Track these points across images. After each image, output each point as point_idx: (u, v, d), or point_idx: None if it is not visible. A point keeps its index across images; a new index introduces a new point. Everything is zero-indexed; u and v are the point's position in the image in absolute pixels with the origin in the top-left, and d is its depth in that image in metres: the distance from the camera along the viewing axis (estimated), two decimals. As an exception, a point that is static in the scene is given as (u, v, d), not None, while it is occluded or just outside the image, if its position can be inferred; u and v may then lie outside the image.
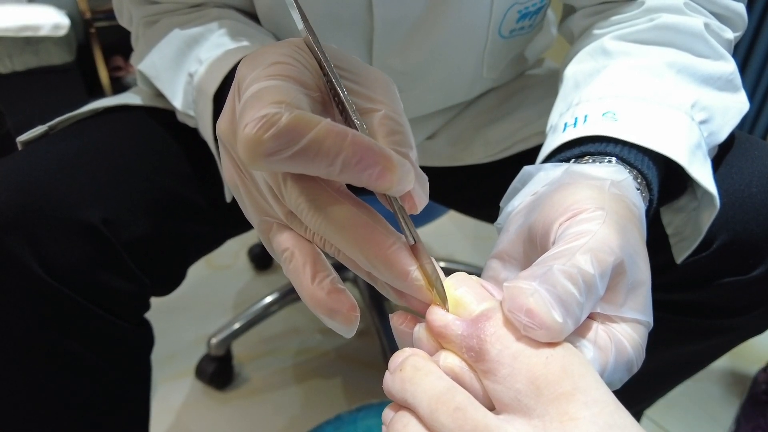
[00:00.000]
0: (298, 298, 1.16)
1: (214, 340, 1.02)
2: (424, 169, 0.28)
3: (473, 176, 0.64)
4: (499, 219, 0.34)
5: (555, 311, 0.21)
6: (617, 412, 0.20)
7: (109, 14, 1.83)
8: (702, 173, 0.35)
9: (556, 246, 0.25)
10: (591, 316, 0.26)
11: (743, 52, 1.75)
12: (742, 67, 1.78)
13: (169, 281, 0.55)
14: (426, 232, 1.59)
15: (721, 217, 0.40)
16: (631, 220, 0.27)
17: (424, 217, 0.99)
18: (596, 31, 0.46)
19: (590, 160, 0.34)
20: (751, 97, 1.82)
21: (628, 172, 0.32)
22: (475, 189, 0.65)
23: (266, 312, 1.08)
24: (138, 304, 0.51)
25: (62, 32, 1.72)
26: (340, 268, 1.20)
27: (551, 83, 0.56)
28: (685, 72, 0.39)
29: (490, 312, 0.23)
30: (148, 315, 0.54)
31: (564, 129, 0.38)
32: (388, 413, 0.24)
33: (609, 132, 0.35)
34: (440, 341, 0.24)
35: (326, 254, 0.26)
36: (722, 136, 0.39)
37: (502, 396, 0.21)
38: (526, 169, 0.34)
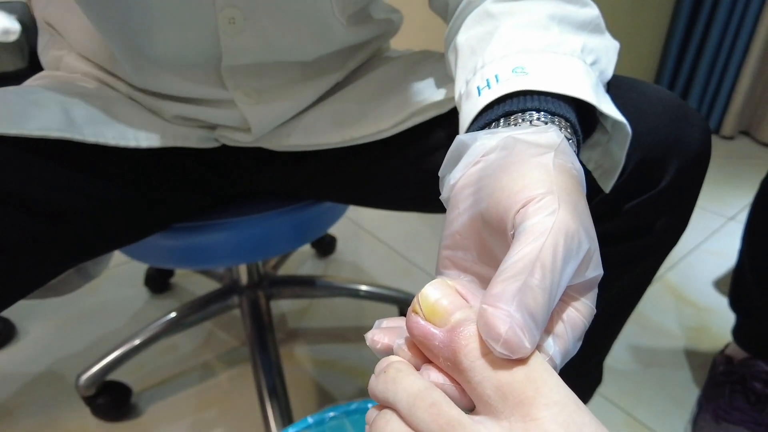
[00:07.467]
0: (185, 325, 0.99)
1: (82, 379, 0.86)
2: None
3: (370, 161, 0.60)
4: (444, 192, 0.33)
5: (526, 339, 0.22)
6: (576, 412, 0.22)
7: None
8: (609, 108, 0.37)
9: (516, 244, 0.24)
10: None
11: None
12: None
13: None
14: (395, 234, 1.50)
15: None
16: (577, 189, 0.28)
17: (326, 223, 0.80)
18: None
19: (519, 120, 0.34)
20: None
21: (557, 125, 0.33)
22: (373, 177, 0.61)
23: (143, 344, 0.94)
24: None
25: (13, 38, 1.62)
26: (214, 299, 1.04)
27: (433, 61, 0.60)
28: (564, 22, 0.42)
29: (463, 323, 0.24)
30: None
31: (479, 93, 0.38)
32: (372, 413, 0.25)
33: (526, 86, 0.35)
34: (419, 346, 0.26)
35: None
36: (609, 73, 0.43)
37: (477, 399, 0.23)
38: (460, 138, 0.33)
